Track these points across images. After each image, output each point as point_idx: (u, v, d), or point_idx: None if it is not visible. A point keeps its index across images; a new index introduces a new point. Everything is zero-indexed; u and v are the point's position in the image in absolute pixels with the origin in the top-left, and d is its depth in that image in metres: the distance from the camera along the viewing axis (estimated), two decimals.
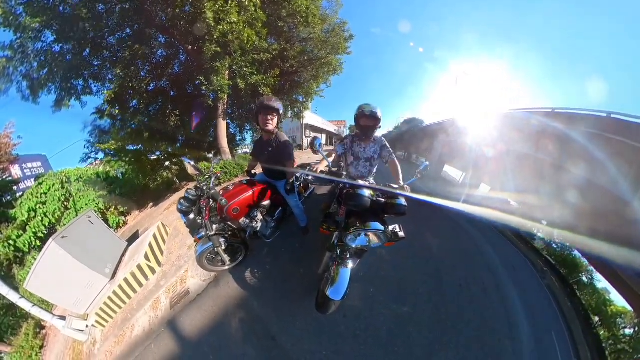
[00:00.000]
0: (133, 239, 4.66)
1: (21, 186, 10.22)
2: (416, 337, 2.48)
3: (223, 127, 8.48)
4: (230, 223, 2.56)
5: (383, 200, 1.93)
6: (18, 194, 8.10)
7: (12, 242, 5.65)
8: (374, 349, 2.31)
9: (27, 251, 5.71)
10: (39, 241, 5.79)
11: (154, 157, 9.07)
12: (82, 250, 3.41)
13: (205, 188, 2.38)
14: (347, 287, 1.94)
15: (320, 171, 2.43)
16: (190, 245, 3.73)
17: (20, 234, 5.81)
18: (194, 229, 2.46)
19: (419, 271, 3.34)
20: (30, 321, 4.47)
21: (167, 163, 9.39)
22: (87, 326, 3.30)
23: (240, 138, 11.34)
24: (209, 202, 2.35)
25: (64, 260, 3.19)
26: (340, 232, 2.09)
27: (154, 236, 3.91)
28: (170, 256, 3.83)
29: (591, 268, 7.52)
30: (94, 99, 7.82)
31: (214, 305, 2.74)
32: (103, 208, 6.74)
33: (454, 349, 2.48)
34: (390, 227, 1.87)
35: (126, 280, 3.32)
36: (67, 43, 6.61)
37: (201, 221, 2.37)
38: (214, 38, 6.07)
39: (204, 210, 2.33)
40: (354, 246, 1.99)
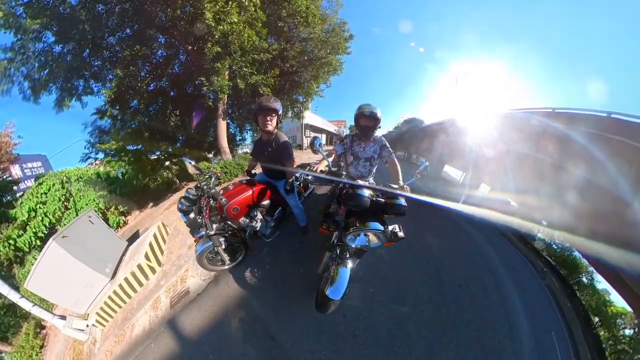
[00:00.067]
0: (133, 238, 4.67)
1: (21, 186, 10.22)
2: (416, 337, 2.48)
3: (223, 127, 8.50)
4: (230, 222, 2.57)
5: (383, 200, 1.94)
6: (18, 194, 8.12)
7: (12, 241, 5.66)
8: (373, 348, 2.31)
9: (28, 251, 5.72)
10: (39, 241, 5.80)
11: (154, 157, 9.09)
12: (82, 250, 3.42)
13: (205, 187, 2.39)
14: (346, 287, 1.95)
15: (320, 171, 2.44)
16: (190, 245, 3.74)
17: (21, 233, 5.82)
18: (194, 228, 2.47)
19: (418, 271, 3.34)
20: (31, 321, 4.48)
21: (167, 163, 9.40)
22: (87, 326, 3.31)
23: (240, 138, 11.35)
24: (209, 201, 2.36)
25: (64, 259, 3.20)
26: (340, 232, 2.09)
27: (154, 236, 3.92)
28: (171, 256, 3.84)
29: (591, 269, 7.51)
30: (95, 99, 7.85)
31: (213, 305, 2.74)
32: (103, 208, 6.74)
33: (453, 349, 2.48)
34: (390, 227, 1.87)
35: (126, 279, 3.33)
36: (68, 44, 6.63)
37: (201, 220, 2.38)
38: (214, 38, 6.08)
39: (204, 210, 2.34)
40: (353, 246, 1.99)
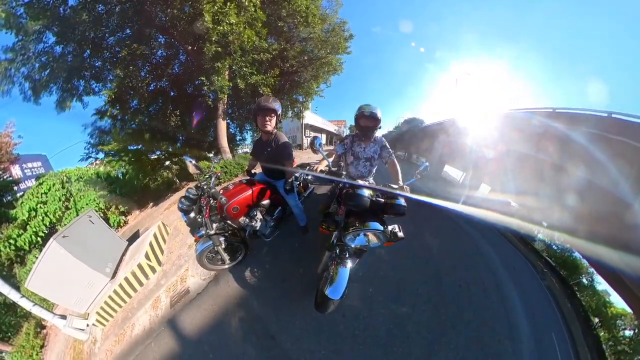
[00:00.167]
0: (133, 238, 4.68)
1: (21, 186, 10.23)
2: (415, 337, 2.48)
3: (223, 126, 8.51)
4: (230, 222, 2.57)
5: (382, 200, 1.94)
6: (18, 194, 8.12)
7: (12, 241, 5.67)
8: (372, 348, 2.31)
9: (28, 250, 5.73)
10: (40, 239, 5.80)
11: (154, 157, 9.09)
12: (83, 250, 3.43)
13: (205, 187, 2.39)
14: (346, 287, 1.95)
15: (320, 171, 2.44)
16: (190, 245, 3.74)
17: (21, 233, 5.83)
18: (195, 227, 2.48)
19: (418, 271, 3.34)
20: (31, 320, 4.48)
21: (167, 163, 9.40)
22: (87, 325, 3.31)
23: (240, 138, 11.39)
24: (209, 200, 2.37)
25: (65, 259, 3.20)
26: (340, 231, 2.10)
27: (155, 235, 3.93)
28: (171, 255, 3.84)
29: (591, 270, 7.50)
30: (95, 99, 7.87)
31: (213, 304, 2.75)
32: (104, 208, 6.75)
33: (453, 349, 2.48)
34: (390, 227, 1.87)
35: (127, 279, 3.33)
36: (68, 44, 6.65)
37: (201, 220, 2.39)
38: (213, 39, 6.09)
39: (204, 209, 2.35)
40: (353, 246, 1.99)
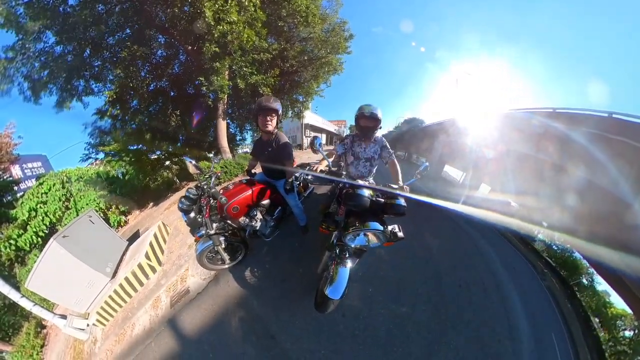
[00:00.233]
0: (134, 238, 4.68)
1: (22, 186, 10.22)
2: (415, 337, 2.48)
3: (223, 126, 8.51)
4: (230, 222, 2.58)
5: (382, 200, 1.94)
6: (19, 194, 8.11)
7: (13, 241, 5.67)
8: (372, 348, 2.31)
9: (29, 250, 5.73)
10: (40, 239, 5.81)
11: (154, 157, 9.10)
12: (83, 250, 3.43)
13: (205, 187, 2.40)
14: (346, 287, 1.95)
15: (320, 171, 2.44)
16: (190, 245, 3.74)
17: (21, 233, 5.83)
18: (195, 227, 2.48)
19: (418, 271, 3.34)
20: (32, 320, 4.48)
21: (167, 163, 9.40)
22: (87, 325, 3.31)
23: (241, 138, 11.41)
24: (209, 200, 2.37)
25: (65, 259, 3.21)
26: (340, 231, 2.10)
27: (155, 235, 3.93)
28: (171, 255, 3.84)
29: (591, 270, 7.49)
30: (95, 99, 7.87)
31: (213, 304, 2.75)
32: (104, 207, 6.75)
33: (453, 349, 2.48)
34: (390, 227, 1.87)
35: (127, 279, 3.33)
36: (68, 44, 6.64)
37: (201, 220, 2.39)
38: (213, 38, 6.09)
39: (204, 209, 2.35)
40: (353, 246, 2.00)
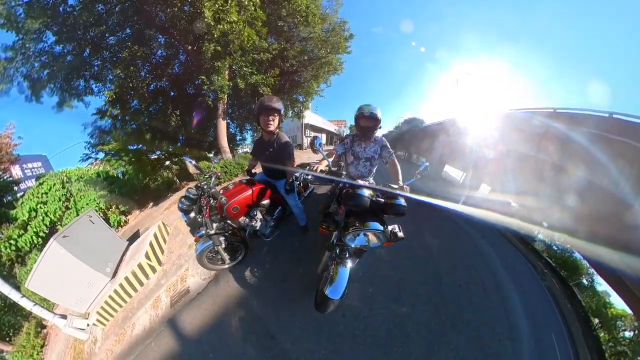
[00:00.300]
0: (134, 238, 4.68)
1: (22, 186, 10.23)
2: (415, 337, 2.48)
3: (223, 126, 8.51)
4: (230, 222, 2.58)
5: (382, 200, 1.94)
6: (19, 194, 8.12)
7: (13, 241, 5.67)
8: (372, 348, 2.31)
9: (29, 250, 5.74)
10: (40, 239, 5.81)
11: (154, 157, 9.10)
12: (83, 250, 3.43)
13: (205, 187, 2.40)
14: (346, 287, 1.95)
15: (320, 171, 2.44)
16: (190, 244, 3.74)
17: (21, 233, 5.83)
18: (195, 227, 2.48)
19: (418, 271, 3.34)
20: (32, 320, 4.48)
21: (167, 163, 9.41)
22: (88, 325, 3.31)
23: (241, 138, 11.42)
24: (210, 200, 2.37)
25: (65, 259, 3.21)
26: (340, 231, 2.10)
27: (155, 235, 3.93)
28: (171, 255, 3.84)
29: (592, 270, 7.48)
30: (95, 99, 7.88)
31: (213, 304, 2.75)
32: (104, 207, 6.75)
33: (453, 349, 2.48)
34: (390, 227, 1.87)
35: (127, 279, 3.33)
36: (68, 44, 6.65)
37: (201, 219, 2.39)
38: (213, 37, 6.09)
39: (205, 209, 2.35)
40: (353, 246, 1.99)
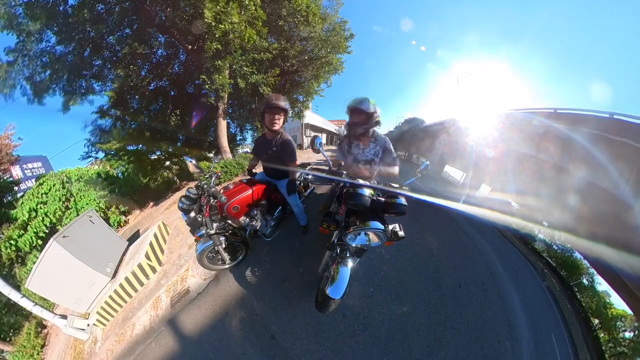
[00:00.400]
0: (134, 238, 4.68)
1: (22, 187, 10.24)
2: (415, 337, 2.48)
3: (223, 126, 8.51)
4: (231, 221, 2.57)
5: (383, 199, 1.93)
6: (19, 195, 8.12)
7: (13, 241, 5.67)
8: (373, 348, 2.31)
9: (29, 250, 5.73)
10: (40, 240, 5.81)
11: (155, 157, 9.11)
12: (83, 250, 3.43)
13: (205, 186, 2.39)
14: (346, 286, 1.94)
15: (320, 170, 2.43)
16: (190, 245, 3.74)
17: (22, 233, 5.83)
18: (195, 227, 2.48)
19: (418, 271, 3.34)
20: (32, 320, 4.48)
21: (167, 162, 9.42)
22: (88, 325, 3.31)
23: (241, 138, 11.41)
24: (210, 200, 2.36)
25: (65, 259, 3.20)
26: (340, 231, 2.09)
27: (155, 235, 3.92)
28: (171, 255, 3.84)
29: (592, 270, 7.48)
30: (96, 98, 7.88)
31: (214, 304, 2.75)
32: (104, 207, 6.75)
33: (453, 349, 2.48)
34: (390, 227, 1.87)
35: (127, 279, 3.33)
36: (69, 44, 6.65)
37: (202, 219, 2.38)
38: (215, 36, 6.10)
39: (205, 208, 2.34)
40: (353, 245, 1.99)
